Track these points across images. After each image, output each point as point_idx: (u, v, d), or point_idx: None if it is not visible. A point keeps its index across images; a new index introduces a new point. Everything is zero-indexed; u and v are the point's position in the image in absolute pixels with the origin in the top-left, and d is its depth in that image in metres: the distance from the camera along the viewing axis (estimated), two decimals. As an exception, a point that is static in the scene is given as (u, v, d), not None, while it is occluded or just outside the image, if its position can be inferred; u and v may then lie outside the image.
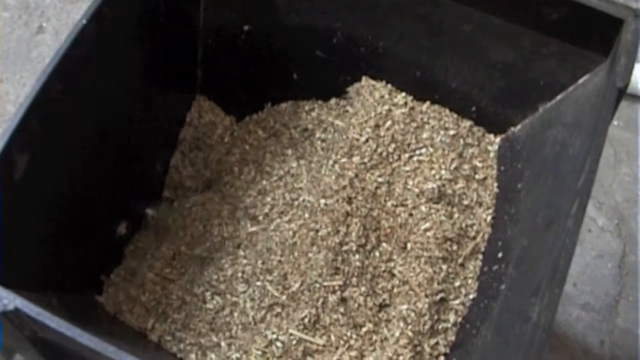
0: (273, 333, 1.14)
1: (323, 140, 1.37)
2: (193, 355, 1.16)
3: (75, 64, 1.08)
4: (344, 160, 1.29)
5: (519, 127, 1.33)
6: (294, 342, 1.13)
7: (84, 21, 1.10)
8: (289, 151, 1.37)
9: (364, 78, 1.39)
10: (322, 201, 1.24)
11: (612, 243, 2.01)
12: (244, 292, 1.20)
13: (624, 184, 2.09)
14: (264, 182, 1.33)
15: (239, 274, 1.22)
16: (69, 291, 1.17)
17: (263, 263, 1.21)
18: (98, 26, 1.11)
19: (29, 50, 1.96)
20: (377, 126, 1.31)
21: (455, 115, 1.36)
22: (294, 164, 1.34)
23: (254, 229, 1.27)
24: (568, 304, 1.92)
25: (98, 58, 1.14)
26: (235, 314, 1.18)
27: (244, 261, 1.23)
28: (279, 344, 1.13)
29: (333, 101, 1.42)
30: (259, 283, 1.20)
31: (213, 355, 1.15)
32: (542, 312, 0.98)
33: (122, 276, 1.27)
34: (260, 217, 1.28)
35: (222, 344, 1.16)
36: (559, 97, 1.26)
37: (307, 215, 1.24)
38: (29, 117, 1.02)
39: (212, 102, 1.45)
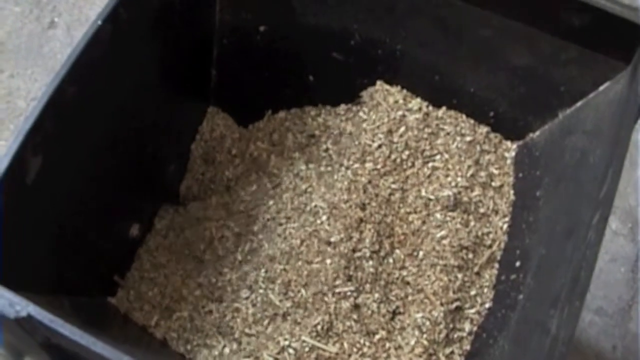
0: (285, 339, 1.13)
1: (334, 144, 1.35)
2: (201, 357, 1.15)
3: (90, 65, 1.07)
4: (356, 165, 1.27)
5: (537, 133, 1.31)
6: (307, 349, 1.12)
7: (99, 22, 1.08)
8: (296, 154, 1.35)
9: (378, 82, 1.37)
10: (335, 207, 1.24)
11: (625, 247, 2.00)
12: (247, 298, 1.19)
13: (638, 188, 2.07)
14: (268, 186, 1.32)
15: (241, 280, 1.21)
16: (82, 294, 1.17)
17: (266, 271, 1.21)
18: (113, 27, 1.10)
19: (40, 45, 1.95)
20: (390, 132, 1.29)
21: (472, 121, 1.35)
22: (303, 167, 1.33)
23: (260, 236, 1.26)
24: (581, 308, 1.90)
25: (113, 59, 1.13)
26: (238, 320, 1.18)
27: (246, 267, 1.23)
28: (291, 350, 1.12)
29: (342, 107, 1.40)
30: (261, 290, 1.19)
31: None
32: (562, 325, 0.96)
33: (134, 277, 1.26)
34: (267, 222, 1.27)
35: (227, 348, 1.16)
36: (579, 103, 1.24)
37: (318, 221, 1.23)
38: (42, 119, 1.01)
39: (225, 112, 1.44)
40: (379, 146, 1.28)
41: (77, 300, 1.13)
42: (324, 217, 1.23)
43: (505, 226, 1.25)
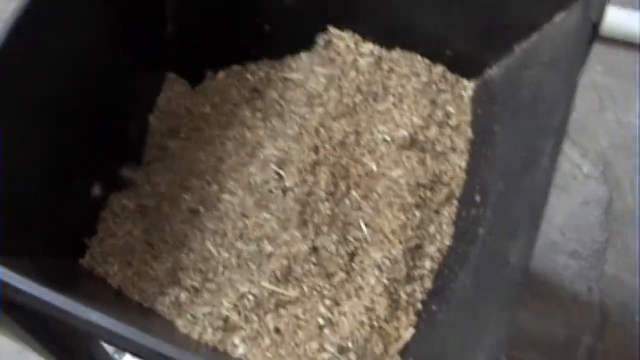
0: (244, 286, 1.12)
1: (280, 94, 1.33)
2: (159, 307, 1.15)
3: (34, 21, 1.04)
4: (305, 110, 1.27)
5: (495, 69, 1.29)
6: (267, 295, 1.11)
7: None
8: (242, 106, 1.33)
9: (330, 28, 1.35)
10: (287, 152, 1.23)
11: (598, 190, 2.00)
12: (200, 248, 1.19)
13: (609, 130, 2.07)
14: (218, 140, 1.31)
15: (193, 232, 1.21)
16: (48, 256, 1.15)
17: (217, 222, 1.20)
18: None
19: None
20: (340, 77, 1.28)
21: (427, 62, 1.33)
22: (249, 114, 1.32)
23: (212, 188, 1.25)
24: (555, 252, 1.91)
25: (59, 14, 1.10)
26: (192, 270, 1.17)
27: (198, 219, 1.22)
28: (251, 297, 1.11)
29: (287, 58, 1.38)
30: (214, 240, 1.19)
31: (178, 309, 1.14)
32: (520, 255, 0.96)
33: (100, 238, 1.25)
34: (219, 174, 1.26)
35: (184, 295, 1.15)
36: (534, 36, 1.23)
37: (270, 168, 1.22)
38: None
39: (182, 77, 1.41)
40: (329, 91, 1.27)
41: (42, 262, 1.12)
42: (276, 164, 1.22)
43: (463, 163, 1.23)
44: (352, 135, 1.25)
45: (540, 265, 1.87)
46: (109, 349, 1.78)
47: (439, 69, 1.32)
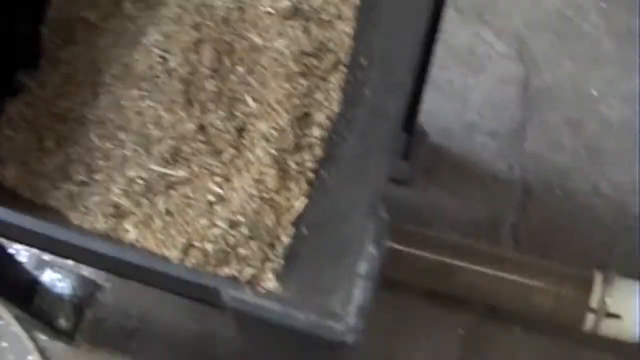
0: (133, 171, 1.11)
1: None
2: (53, 202, 1.14)
3: None
4: None
5: None
6: (156, 177, 1.10)
7: None
8: (124, 1, 1.30)
9: None
10: (168, 35, 1.21)
11: (514, 68, 1.99)
12: (87, 143, 1.18)
13: (523, 9, 2.05)
14: (105, 37, 1.28)
15: (81, 128, 1.19)
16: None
17: (107, 112, 1.19)
18: None
19: None
20: None
21: None
22: (129, 5, 1.28)
23: (99, 84, 1.23)
24: (473, 132, 1.91)
25: None
26: (80, 163, 1.16)
27: (87, 115, 1.21)
28: (140, 181, 1.10)
29: None
30: (100, 132, 1.18)
31: (71, 202, 1.13)
32: (398, 104, 0.96)
33: (4, 145, 1.22)
34: (105, 69, 1.24)
35: (75, 188, 1.14)
36: None
37: (153, 52, 1.20)
38: None
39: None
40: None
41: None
42: (159, 48, 1.20)
43: (349, 29, 1.21)
44: (236, 11, 1.22)
45: (458, 147, 1.87)
46: (30, 266, 1.77)
47: (322, -61, 1.29)
